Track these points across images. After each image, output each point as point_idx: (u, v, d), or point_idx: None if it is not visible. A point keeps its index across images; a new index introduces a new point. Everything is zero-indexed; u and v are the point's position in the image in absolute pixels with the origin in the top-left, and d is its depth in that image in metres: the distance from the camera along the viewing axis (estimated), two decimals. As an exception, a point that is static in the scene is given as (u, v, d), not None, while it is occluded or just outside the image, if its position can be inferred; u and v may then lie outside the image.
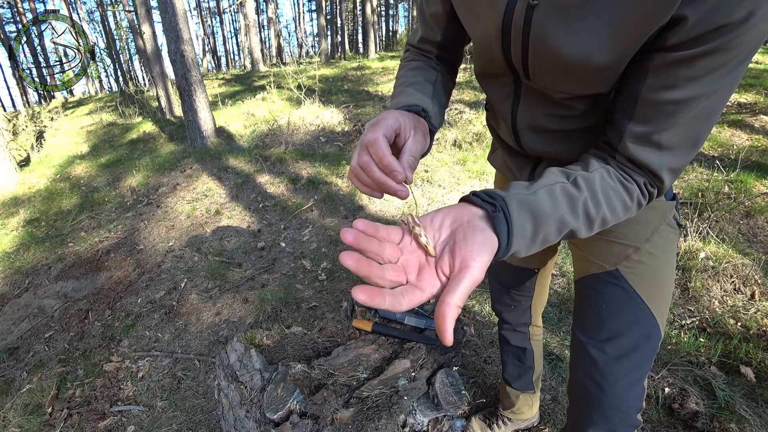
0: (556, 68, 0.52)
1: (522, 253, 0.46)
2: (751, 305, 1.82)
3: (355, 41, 26.56)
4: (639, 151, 0.49)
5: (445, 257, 0.41)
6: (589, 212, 0.48)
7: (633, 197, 0.51)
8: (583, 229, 0.49)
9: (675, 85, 0.45)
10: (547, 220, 0.46)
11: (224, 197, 3.71)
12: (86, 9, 26.13)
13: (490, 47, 0.58)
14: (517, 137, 0.70)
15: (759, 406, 1.39)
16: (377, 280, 0.37)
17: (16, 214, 3.99)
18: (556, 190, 0.48)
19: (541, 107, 0.62)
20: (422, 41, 0.74)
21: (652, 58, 0.46)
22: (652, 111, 0.47)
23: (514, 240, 0.43)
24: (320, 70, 8.93)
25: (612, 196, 0.50)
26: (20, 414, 1.70)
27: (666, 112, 0.46)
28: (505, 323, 1.15)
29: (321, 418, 0.82)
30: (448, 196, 3.25)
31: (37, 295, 2.62)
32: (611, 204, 0.50)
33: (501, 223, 0.43)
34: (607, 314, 0.72)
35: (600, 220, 0.50)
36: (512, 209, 0.44)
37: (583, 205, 0.48)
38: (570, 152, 0.67)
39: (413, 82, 0.65)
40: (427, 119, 0.57)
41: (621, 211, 0.51)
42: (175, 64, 4.70)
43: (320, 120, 5.19)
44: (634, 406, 0.74)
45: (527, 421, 1.37)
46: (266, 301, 2.24)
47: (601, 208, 0.49)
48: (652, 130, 0.48)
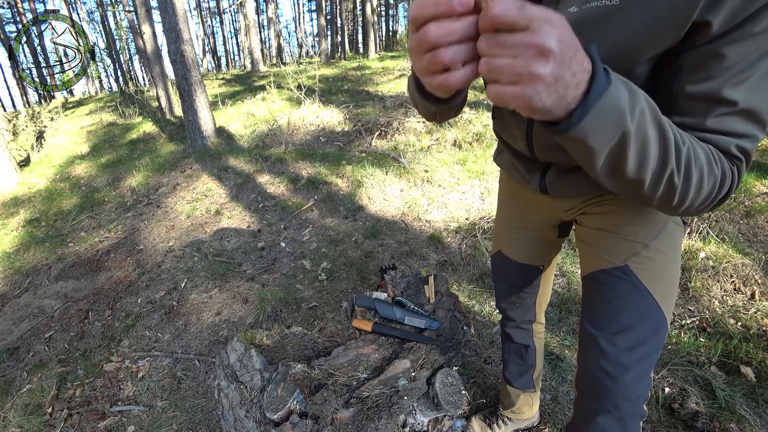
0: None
1: (621, 104, 0.38)
2: (751, 305, 1.82)
3: (355, 41, 26.56)
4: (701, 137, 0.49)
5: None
6: (677, 142, 0.44)
7: (717, 163, 0.48)
8: (670, 153, 0.43)
9: (710, 75, 0.46)
10: (639, 100, 0.40)
11: (224, 197, 3.71)
12: (86, 9, 26.16)
13: None
14: (531, 145, 0.71)
15: (759, 406, 1.38)
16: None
17: (16, 214, 3.99)
18: (645, 97, 0.42)
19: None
20: None
21: (683, 57, 0.48)
22: (694, 104, 0.49)
23: (612, 83, 0.37)
24: (320, 70, 8.93)
25: (697, 149, 0.47)
26: (20, 414, 1.70)
27: (707, 101, 0.48)
28: (510, 320, 1.16)
29: (321, 418, 0.82)
30: (448, 196, 3.25)
31: (37, 295, 2.62)
32: (696, 154, 0.46)
33: (597, 60, 0.37)
34: (618, 308, 0.74)
35: (679, 158, 0.44)
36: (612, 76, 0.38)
37: (673, 128, 0.45)
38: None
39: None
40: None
41: (706, 167, 0.46)
42: (175, 64, 4.70)
43: (320, 120, 5.19)
44: (643, 395, 0.77)
45: (527, 421, 1.37)
46: (266, 301, 2.24)
47: (683, 147, 0.45)
48: (700, 120, 0.49)
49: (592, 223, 0.80)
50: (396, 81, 7.24)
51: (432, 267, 2.43)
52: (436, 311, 1.15)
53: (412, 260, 2.50)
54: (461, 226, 2.83)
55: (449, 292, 1.24)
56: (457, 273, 2.33)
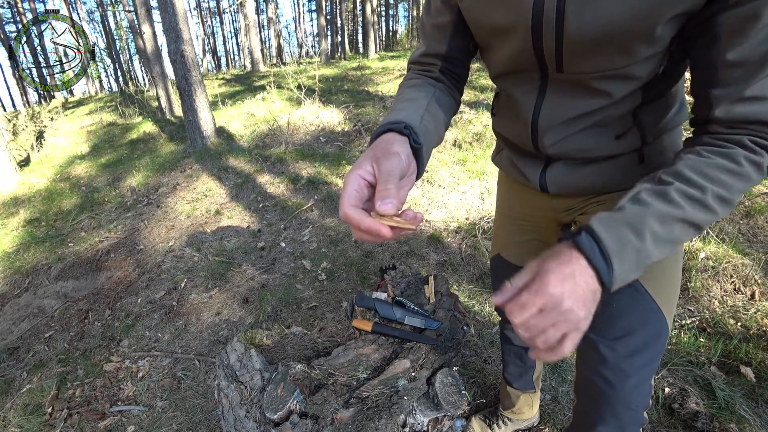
0: (596, 43, 0.52)
1: (645, 260, 0.47)
2: (751, 305, 1.82)
3: (355, 41, 26.56)
4: (737, 110, 0.48)
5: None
6: (691, 195, 0.48)
7: (739, 160, 0.48)
8: (698, 213, 0.48)
9: (748, 39, 0.45)
10: (647, 220, 0.47)
11: (224, 197, 3.71)
12: (86, 9, 26.16)
13: (517, 44, 0.58)
14: (535, 136, 0.69)
15: (759, 406, 1.39)
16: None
17: (16, 214, 3.99)
18: (641, 194, 0.49)
19: (568, 99, 0.62)
20: (425, 55, 0.72)
21: (717, 23, 0.47)
22: (737, 70, 0.47)
23: (614, 256, 0.45)
24: (320, 70, 8.93)
25: (710, 170, 0.48)
26: (20, 414, 1.70)
27: (749, 66, 0.46)
28: (509, 323, 1.14)
29: (321, 418, 0.82)
30: (448, 196, 3.25)
31: (37, 295, 2.62)
32: (713, 177, 0.48)
33: (586, 243, 0.46)
34: (618, 312, 0.71)
35: (714, 197, 0.48)
36: (595, 227, 0.47)
37: (680, 192, 0.48)
38: (590, 150, 0.67)
39: (406, 99, 0.63)
40: (410, 135, 0.52)
41: (732, 179, 0.48)
42: (175, 64, 4.70)
43: (320, 120, 5.19)
44: (643, 403, 0.75)
45: (527, 421, 1.37)
46: (266, 301, 2.24)
47: (705, 187, 0.48)
48: (741, 87, 0.47)
49: None
50: (396, 81, 7.24)
51: (432, 267, 2.43)
52: (436, 311, 1.15)
53: (412, 260, 2.50)
54: (461, 226, 2.83)
55: (449, 292, 1.24)
56: (457, 273, 2.33)
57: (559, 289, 0.44)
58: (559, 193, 0.78)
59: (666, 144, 0.69)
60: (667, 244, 0.48)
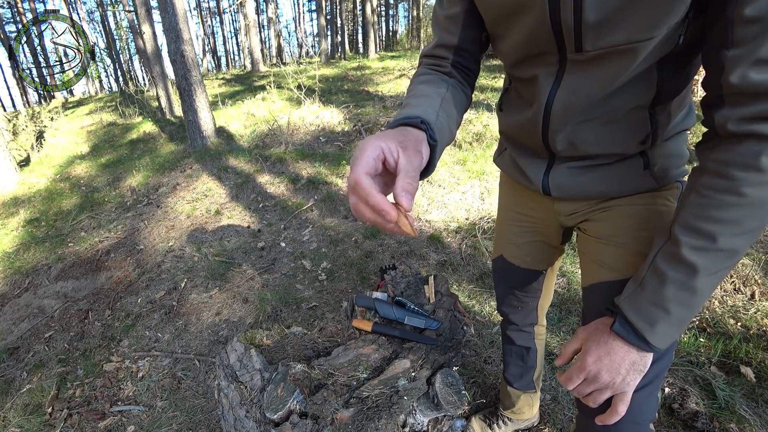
0: (620, 9, 0.50)
1: (682, 322, 0.55)
2: (751, 305, 1.82)
3: (355, 41, 26.56)
4: (754, 76, 0.44)
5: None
6: (702, 248, 0.51)
7: (760, 165, 0.46)
8: (715, 263, 0.51)
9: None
10: (668, 293, 0.54)
11: (224, 197, 3.71)
12: (86, 9, 26.16)
13: (534, 21, 0.56)
14: (546, 126, 0.67)
15: (759, 406, 1.38)
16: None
17: (16, 214, 3.99)
18: (658, 262, 0.56)
19: (585, 85, 0.60)
20: (438, 47, 0.71)
21: None
22: (753, 27, 0.44)
23: (647, 334, 0.56)
24: (320, 70, 8.93)
25: (717, 212, 0.49)
26: (20, 414, 1.70)
27: (763, 20, 0.43)
28: (511, 324, 1.13)
29: (321, 418, 0.82)
30: (449, 196, 3.25)
31: (37, 295, 2.62)
32: (721, 219, 0.49)
33: (622, 331, 0.58)
34: None
35: (727, 240, 0.49)
36: (627, 313, 0.57)
37: (691, 249, 0.51)
38: (599, 144, 0.66)
39: (420, 94, 0.62)
40: (427, 131, 0.52)
41: (743, 211, 0.48)
42: (175, 64, 4.70)
43: (320, 120, 5.19)
44: (649, 417, 0.74)
45: (527, 421, 1.37)
46: (266, 301, 2.24)
47: (714, 235, 0.49)
48: (757, 46, 0.44)
49: (596, 231, 0.76)
50: (396, 81, 7.24)
51: (432, 267, 2.43)
52: (436, 311, 1.15)
53: (412, 260, 2.50)
54: (461, 226, 2.83)
55: (449, 292, 1.24)
56: (457, 273, 2.33)
57: (597, 366, 0.59)
58: (561, 197, 0.76)
59: (671, 150, 0.67)
60: (697, 298, 0.53)
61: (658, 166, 0.67)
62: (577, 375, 0.62)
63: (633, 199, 0.70)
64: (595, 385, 0.60)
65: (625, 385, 0.59)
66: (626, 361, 0.58)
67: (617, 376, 0.58)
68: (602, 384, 0.59)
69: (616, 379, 0.58)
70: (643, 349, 0.57)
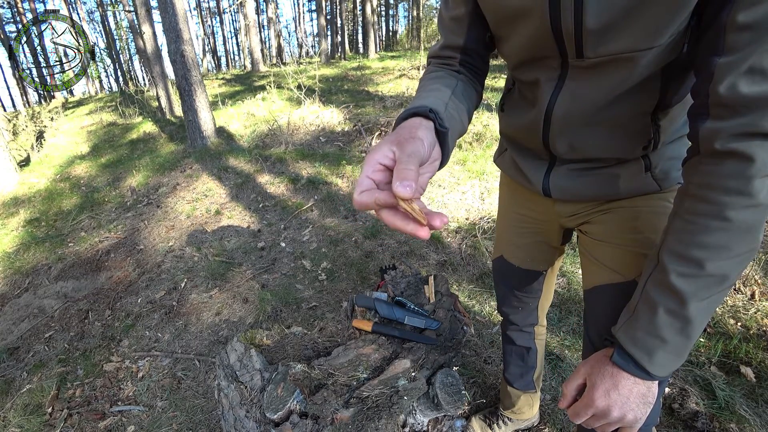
0: (625, 14, 0.49)
1: (682, 349, 0.55)
2: (751, 305, 1.82)
3: (355, 41, 26.56)
4: (743, 88, 0.43)
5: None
6: (689, 274, 0.50)
7: (739, 185, 0.45)
8: (705, 290, 0.50)
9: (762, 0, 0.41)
10: (661, 321, 0.53)
11: (224, 197, 3.71)
12: (86, 9, 26.16)
13: (535, 26, 0.56)
14: (546, 129, 0.67)
15: (759, 406, 1.38)
16: None
17: (16, 214, 3.99)
18: (648, 290, 0.55)
19: (586, 90, 0.59)
20: (444, 48, 0.71)
21: None
22: (746, 34, 0.42)
23: (646, 363, 0.55)
24: (320, 70, 8.93)
25: (703, 237, 0.49)
26: (20, 414, 1.70)
27: (760, 30, 0.42)
28: (512, 324, 1.13)
29: (321, 418, 0.82)
30: (449, 196, 3.25)
31: (37, 295, 2.62)
32: (707, 245, 0.48)
33: (622, 363, 0.57)
34: None
35: (716, 265, 0.49)
36: (624, 345, 0.57)
37: (679, 275, 0.52)
38: (599, 148, 0.65)
39: (430, 88, 0.61)
40: (435, 119, 0.49)
41: (730, 237, 0.48)
42: (175, 64, 4.70)
43: (320, 120, 5.19)
44: (653, 422, 0.74)
45: (527, 421, 1.37)
46: (266, 301, 2.24)
47: (701, 261, 0.49)
48: (747, 54, 0.42)
49: (598, 233, 0.76)
50: (396, 81, 7.24)
51: (432, 267, 2.43)
52: (436, 311, 1.15)
53: (412, 260, 2.50)
54: (461, 226, 2.83)
55: (449, 292, 1.24)
56: (457, 273, 2.33)
57: (605, 402, 0.57)
58: (562, 199, 0.76)
59: (673, 152, 0.67)
60: (692, 326, 0.52)
61: (659, 168, 0.67)
62: (585, 411, 0.59)
63: (634, 201, 0.70)
64: (605, 420, 0.59)
65: (637, 422, 0.58)
66: (634, 394, 0.56)
67: (629, 412, 0.57)
68: (613, 419, 0.58)
69: (627, 415, 0.57)
70: (647, 379, 0.56)
